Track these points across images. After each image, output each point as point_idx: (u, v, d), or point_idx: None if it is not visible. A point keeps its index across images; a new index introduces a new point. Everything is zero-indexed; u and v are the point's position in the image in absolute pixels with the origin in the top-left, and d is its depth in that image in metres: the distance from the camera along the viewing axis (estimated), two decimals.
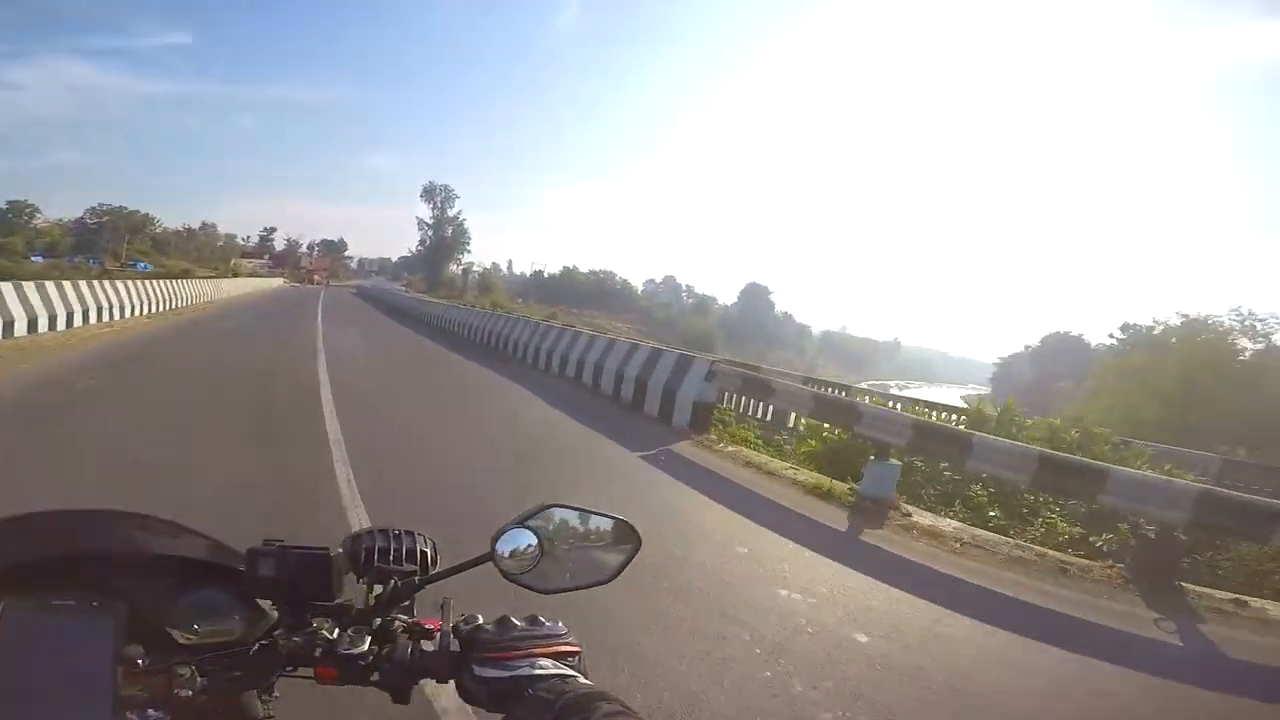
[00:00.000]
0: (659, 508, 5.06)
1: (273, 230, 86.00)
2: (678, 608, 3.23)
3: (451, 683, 0.69)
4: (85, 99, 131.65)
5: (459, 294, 51.28)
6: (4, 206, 60.26)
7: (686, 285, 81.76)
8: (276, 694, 0.73)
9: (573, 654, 0.69)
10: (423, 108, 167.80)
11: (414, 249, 77.47)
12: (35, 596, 0.64)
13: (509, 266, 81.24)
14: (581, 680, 0.65)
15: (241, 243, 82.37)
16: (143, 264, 52.69)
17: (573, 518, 0.79)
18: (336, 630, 0.71)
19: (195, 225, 74.56)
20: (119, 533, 0.73)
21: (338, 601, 0.73)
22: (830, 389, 12.65)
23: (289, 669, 0.71)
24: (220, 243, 76.02)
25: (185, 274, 39.07)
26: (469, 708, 0.87)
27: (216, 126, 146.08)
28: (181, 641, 0.69)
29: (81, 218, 62.35)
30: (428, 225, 72.06)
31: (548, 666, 0.66)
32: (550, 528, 0.77)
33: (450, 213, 71.80)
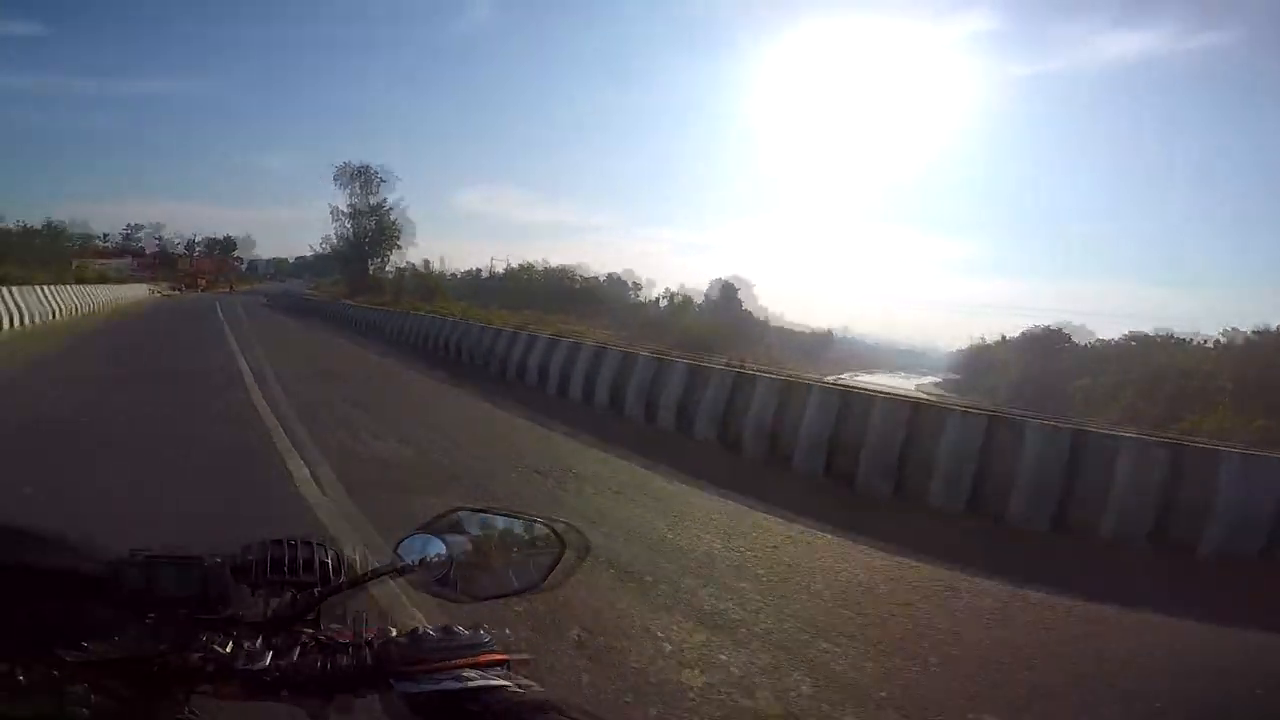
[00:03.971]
0: None
1: (138, 228, 69.62)
2: None
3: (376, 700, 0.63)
4: None
5: (394, 299, 40.06)
6: None
7: (633, 282, 73.27)
8: (193, 711, 0.67)
9: (503, 662, 0.63)
10: (312, 105, 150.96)
11: (319, 245, 63.54)
12: None
13: (431, 265, 67.38)
14: (519, 690, 0.60)
15: (100, 243, 65.64)
16: None
17: (488, 520, 0.74)
18: (230, 645, 0.64)
19: (36, 225, 57.97)
20: None
21: (226, 614, 0.66)
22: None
23: (188, 687, 0.65)
24: (74, 246, 59.36)
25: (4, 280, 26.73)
26: None
27: (70, 123, 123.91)
28: (69, 660, 0.61)
29: None
30: (343, 214, 57.22)
31: (474, 677, 0.61)
32: (462, 533, 0.73)
33: (373, 200, 57.62)
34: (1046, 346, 51.54)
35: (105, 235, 67.06)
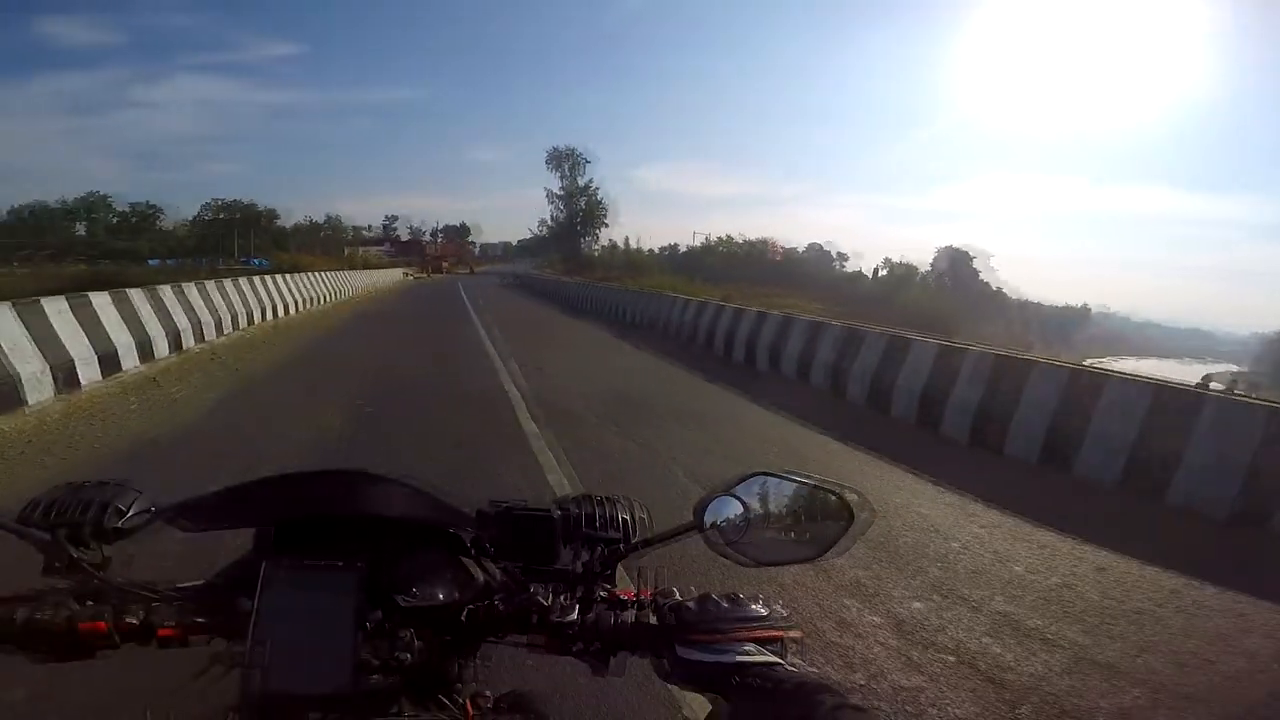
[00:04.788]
0: None
1: (394, 219, 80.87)
2: None
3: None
4: (214, 113, 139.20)
5: (611, 275, 41.08)
6: (126, 209, 58.59)
7: (838, 253, 67.57)
8: (477, 660, 0.73)
9: (778, 639, 0.64)
10: (509, 101, 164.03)
11: (535, 229, 67.67)
12: (290, 556, 0.66)
13: (628, 243, 68.28)
14: (791, 668, 0.61)
15: (366, 233, 77.44)
16: (258, 260, 47.11)
17: (785, 486, 0.71)
18: (551, 596, 0.69)
19: (319, 219, 69.95)
20: (360, 493, 0.71)
21: (556, 567, 0.72)
22: None
23: (496, 634, 0.71)
24: (347, 235, 70.67)
25: (295, 267, 31.86)
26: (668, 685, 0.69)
27: (332, 129, 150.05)
28: (401, 605, 0.67)
29: (199, 215, 58.77)
30: (557, 197, 60.36)
31: (753, 652, 0.62)
32: (759, 496, 0.71)
33: (582, 181, 59.99)
34: None
35: (369, 226, 79.00)
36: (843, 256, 67.81)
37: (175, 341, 9.14)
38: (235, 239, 54.00)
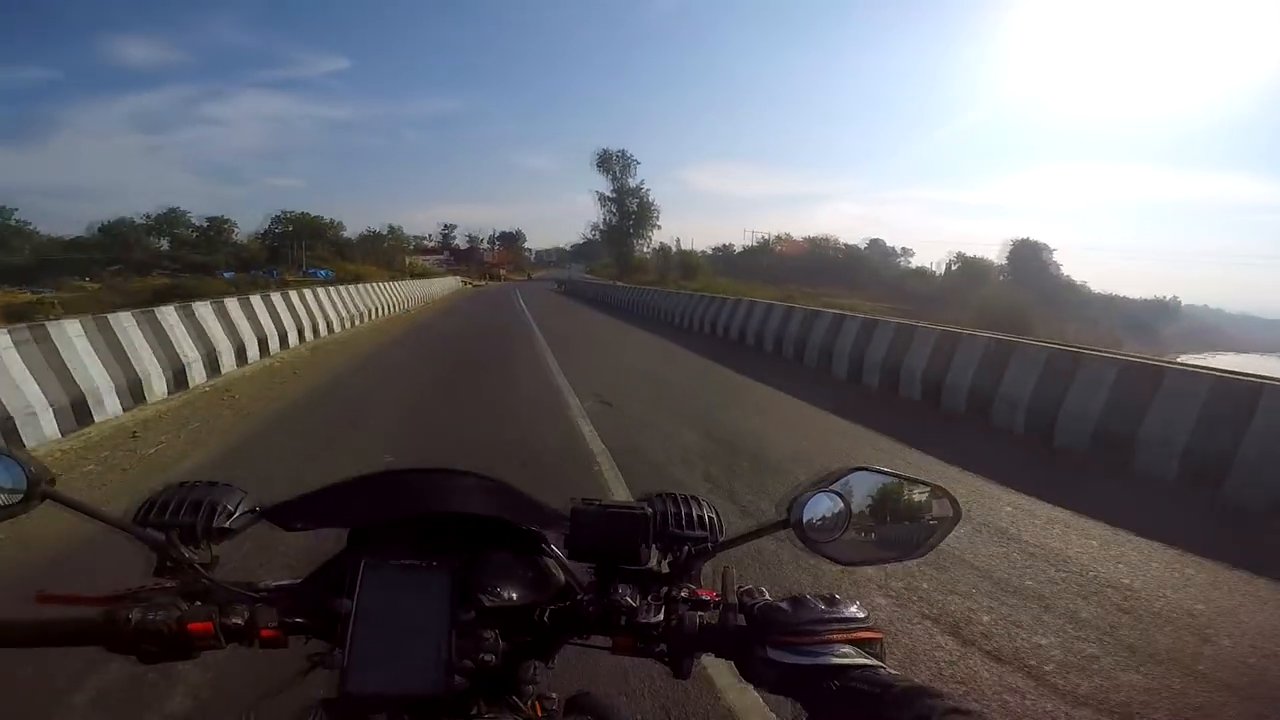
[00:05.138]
0: None
1: (452, 227, 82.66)
2: None
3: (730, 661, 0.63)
4: (276, 128, 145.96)
5: (659, 278, 40.40)
6: (204, 224, 61.67)
7: (902, 248, 64.68)
8: (552, 664, 0.72)
9: (877, 641, 0.61)
10: (561, 106, 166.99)
11: (587, 234, 67.44)
12: (386, 555, 0.67)
13: (678, 245, 66.94)
14: (892, 672, 0.58)
15: (425, 242, 79.43)
16: (323, 271, 48.71)
17: (882, 483, 0.69)
18: (635, 597, 0.68)
19: (381, 229, 72.11)
20: (455, 492, 0.72)
21: (646, 567, 0.71)
22: None
23: (579, 635, 0.70)
24: (408, 245, 72.48)
25: (358, 278, 32.66)
26: (750, 687, 0.67)
27: (385, 142, 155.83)
28: (486, 605, 0.67)
29: (268, 228, 61.30)
30: (608, 199, 59.28)
31: (851, 655, 0.59)
32: (855, 493, 0.68)
33: (632, 183, 58.56)
34: None
35: (428, 235, 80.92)
36: (907, 251, 65.08)
37: (179, 378, 7.43)
38: (300, 250, 56.06)
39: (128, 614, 0.62)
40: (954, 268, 53.19)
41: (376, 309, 18.11)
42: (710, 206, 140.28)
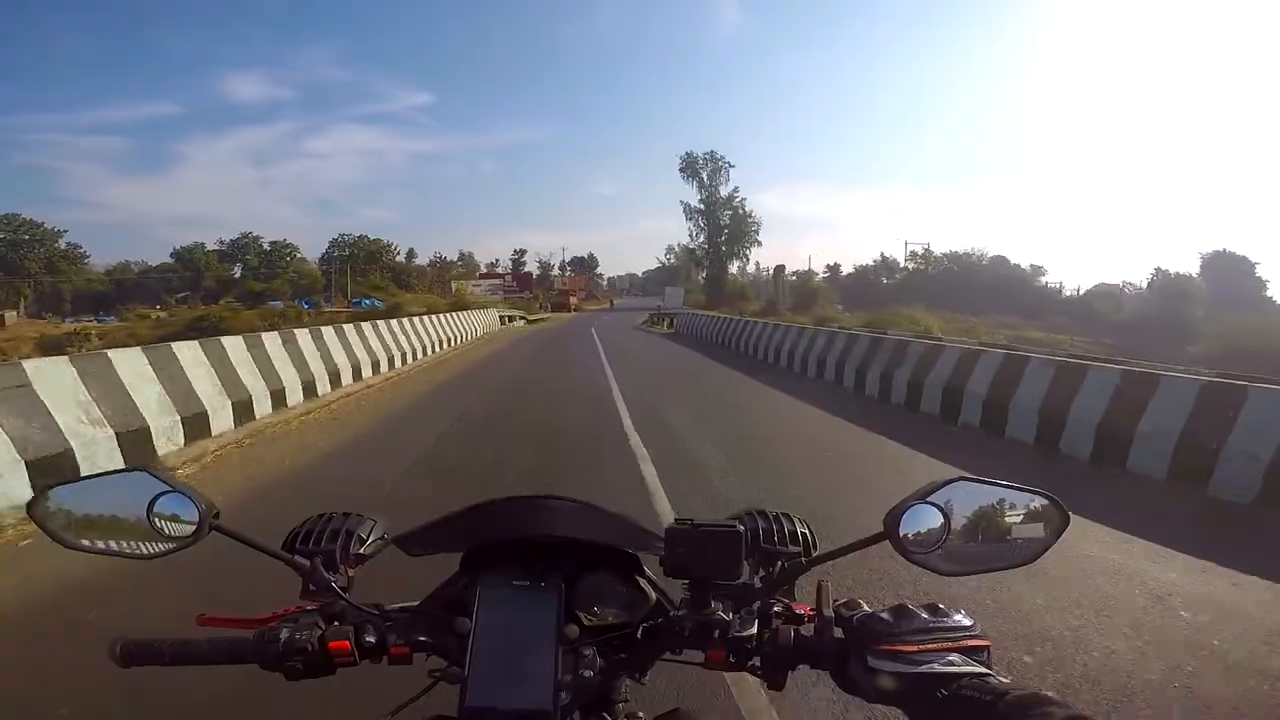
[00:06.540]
0: None
1: (522, 252, 76.75)
2: None
3: (826, 672, 0.64)
4: (369, 160, 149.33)
5: (773, 308, 31.78)
6: (268, 248, 59.03)
7: (1028, 265, 53.27)
8: (644, 680, 0.73)
9: (985, 648, 0.59)
10: (630, 131, 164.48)
11: (662, 258, 59.34)
12: (498, 575, 0.71)
13: (783, 270, 57.07)
14: (1003, 679, 0.55)
15: (490, 266, 73.87)
16: (369, 300, 43.11)
17: (983, 492, 0.67)
18: (730, 612, 0.69)
19: (453, 257, 67.23)
20: (561, 517, 0.73)
21: (740, 582, 0.70)
22: None
23: (673, 650, 0.70)
24: (460, 270, 66.99)
25: (396, 309, 26.09)
26: (847, 697, 0.65)
27: (465, 172, 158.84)
28: (585, 623, 0.69)
29: (325, 252, 57.27)
30: (696, 211, 49.22)
31: (958, 663, 0.57)
32: (955, 504, 0.66)
33: (724, 191, 48.78)
34: None
35: (496, 261, 75.47)
36: (1037, 269, 53.19)
37: None
38: (351, 276, 51.17)
39: (276, 634, 0.67)
40: (1141, 286, 41.49)
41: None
42: (786, 228, 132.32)
